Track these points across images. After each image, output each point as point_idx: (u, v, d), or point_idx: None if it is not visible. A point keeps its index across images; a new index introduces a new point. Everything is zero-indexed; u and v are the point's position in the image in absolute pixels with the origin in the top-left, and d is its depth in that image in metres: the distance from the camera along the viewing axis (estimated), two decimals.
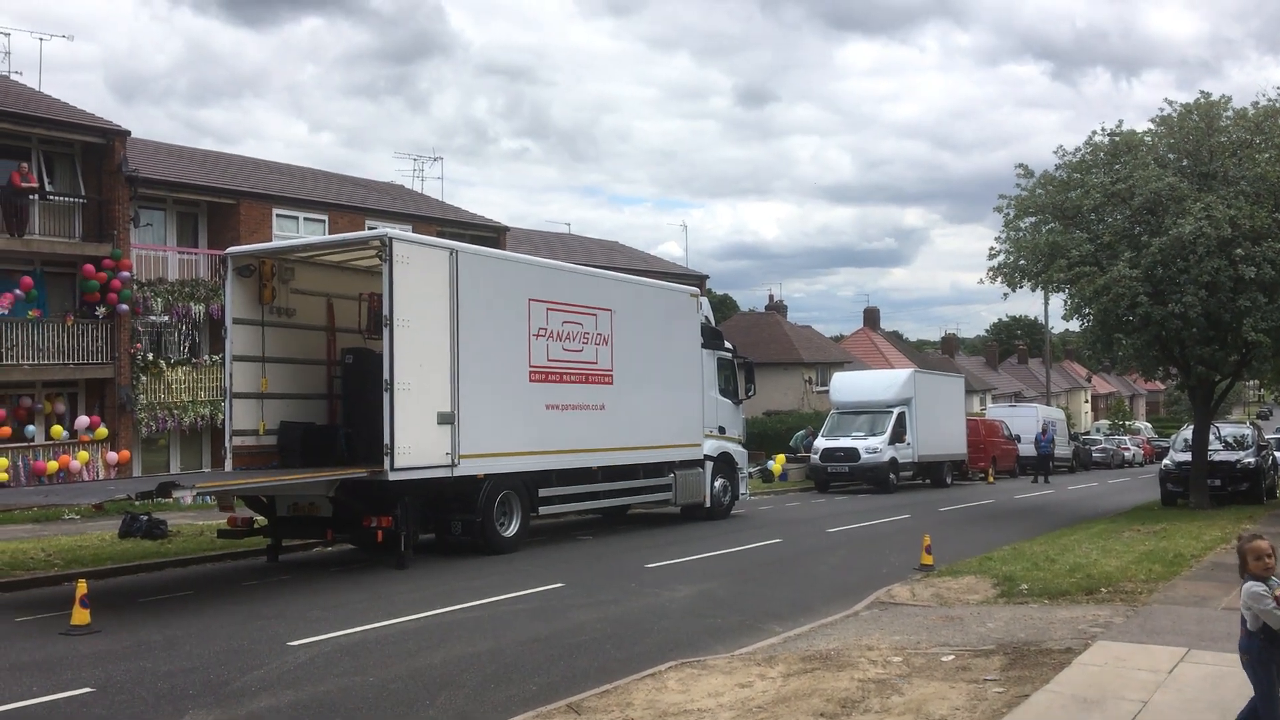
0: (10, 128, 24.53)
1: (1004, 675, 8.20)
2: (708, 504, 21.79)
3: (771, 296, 66.36)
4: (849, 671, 8.37)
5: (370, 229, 27.49)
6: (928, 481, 35.89)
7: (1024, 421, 44.86)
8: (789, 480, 35.92)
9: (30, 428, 24.38)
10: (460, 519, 16.04)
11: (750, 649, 9.55)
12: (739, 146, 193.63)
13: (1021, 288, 23.56)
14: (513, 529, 16.79)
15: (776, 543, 18.26)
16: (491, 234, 36.01)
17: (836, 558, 16.50)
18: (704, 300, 23.03)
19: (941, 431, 35.79)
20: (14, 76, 28.84)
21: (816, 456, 33.60)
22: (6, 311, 23.72)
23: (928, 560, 14.45)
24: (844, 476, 33.10)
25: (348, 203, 32.45)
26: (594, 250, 46.09)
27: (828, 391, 40.64)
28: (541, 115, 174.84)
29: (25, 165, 24.90)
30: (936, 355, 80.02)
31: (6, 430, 23.59)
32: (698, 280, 44.07)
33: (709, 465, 21.82)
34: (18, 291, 23.99)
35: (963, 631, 10.08)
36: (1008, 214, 23.41)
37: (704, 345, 21.99)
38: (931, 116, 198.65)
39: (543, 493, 17.50)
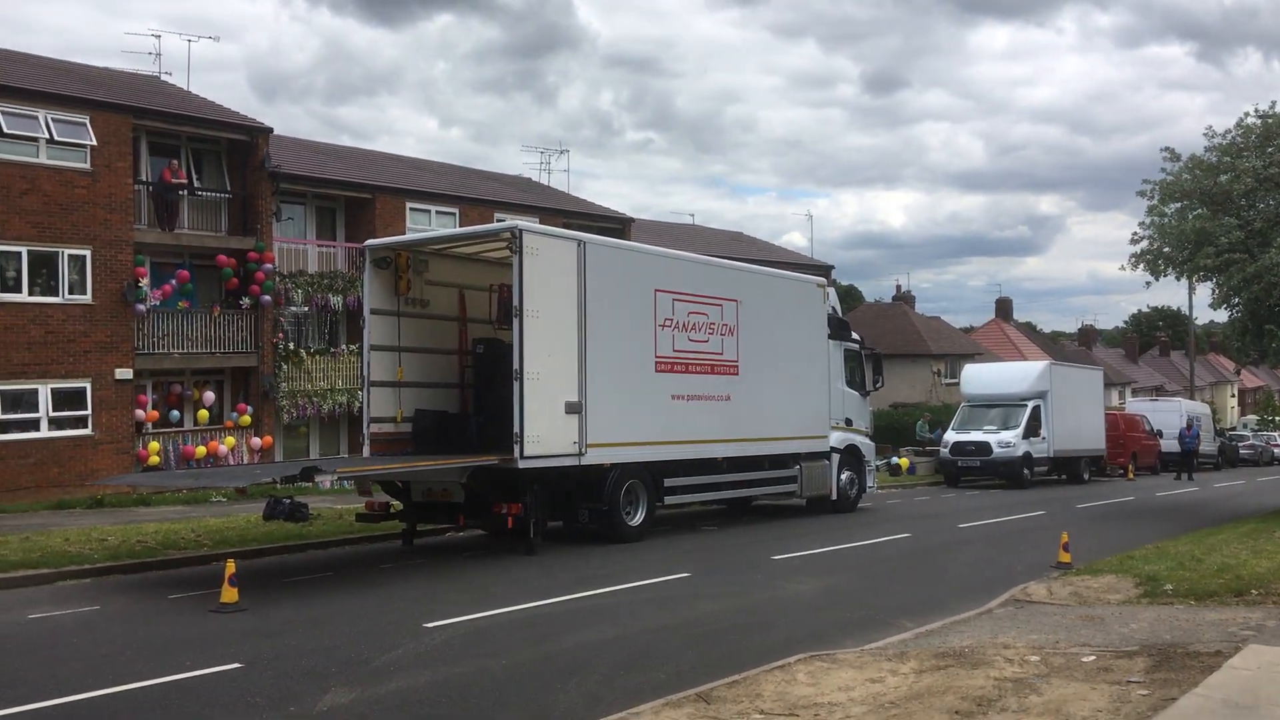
0: (162, 126, 25.73)
1: (1149, 677, 7.90)
2: (834, 497, 21.56)
3: (899, 287, 65.40)
4: (984, 670, 8.18)
5: (499, 221, 28.00)
6: (1063, 477, 34.82)
7: (1166, 416, 43.18)
8: (917, 474, 35.28)
9: (174, 413, 25.58)
10: (587, 507, 16.23)
11: (880, 644, 9.41)
12: (866, 134, 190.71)
13: (1165, 276, 22.68)
14: (638, 518, 16.91)
15: (905, 537, 17.96)
16: (616, 225, 36.26)
17: (968, 554, 16.15)
18: (831, 290, 22.76)
19: (1079, 426, 34.67)
20: (165, 77, 30.29)
21: (946, 450, 32.92)
22: (159, 303, 24.92)
23: (1065, 558, 14.02)
24: (975, 471, 32.35)
25: (477, 196, 33.09)
26: (718, 241, 45.99)
27: (957, 384, 39.75)
28: (666, 106, 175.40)
29: (175, 162, 26.10)
30: (1073, 347, 77.53)
31: (154, 414, 24.80)
32: (823, 270, 43.59)
33: (835, 457, 21.58)
34: (173, 283, 25.15)
35: (1104, 632, 9.75)
36: (1152, 199, 22.54)
37: (830, 336, 21.74)
38: (1068, 100, 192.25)
39: (668, 482, 17.57)
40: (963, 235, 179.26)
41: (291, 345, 27.54)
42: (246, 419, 25.99)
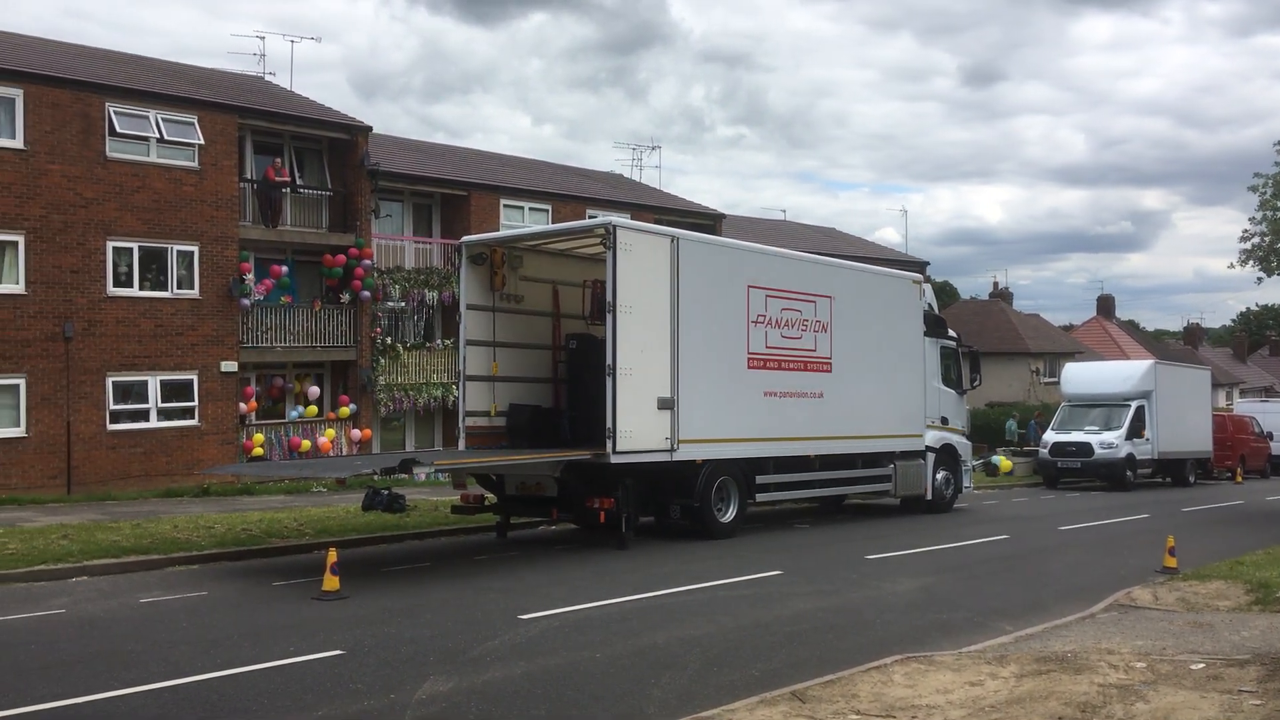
0: (266, 125, 26.44)
1: (1262, 687, 7.62)
2: (929, 496, 21.24)
3: (996, 283, 64.08)
4: (1088, 675, 7.98)
5: (590, 217, 28.15)
6: (1168, 480, 33.78)
7: (1276, 418, 41.58)
8: (1014, 475, 34.55)
9: (291, 408, 26.27)
10: (679, 503, 16.23)
11: (979, 647, 9.24)
12: (962, 128, 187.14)
13: (1277, 273, 21.84)
14: (730, 515, 16.87)
15: (1003, 539, 17.61)
16: (708, 221, 36.20)
17: (1069, 557, 15.76)
18: (927, 287, 22.40)
19: (1184, 427, 33.59)
20: (268, 78, 31.15)
21: (1045, 451, 32.20)
22: (263, 297, 25.62)
23: (1171, 563, 13.61)
24: (1075, 472, 31.58)
25: (569, 192, 33.33)
26: (810, 236, 45.62)
27: (1057, 383, 38.83)
28: (758, 101, 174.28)
29: (279, 161, 26.80)
30: (1178, 346, 75.14)
31: (254, 405, 25.50)
32: (917, 266, 42.93)
33: (930, 456, 21.25)
34: (272, 280, 25.83)
35: (1213, 639, 9.44)
36: (1264, 193, 21.79)
37: (926, 333, 21.40)
38: (1174, 92, 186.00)
39: (760, 480, 17.49)
40: (1062, 231, 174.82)
41: (388, 340, 28.09)
42: (345, 411, 26.59)
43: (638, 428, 15.09)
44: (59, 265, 22.15)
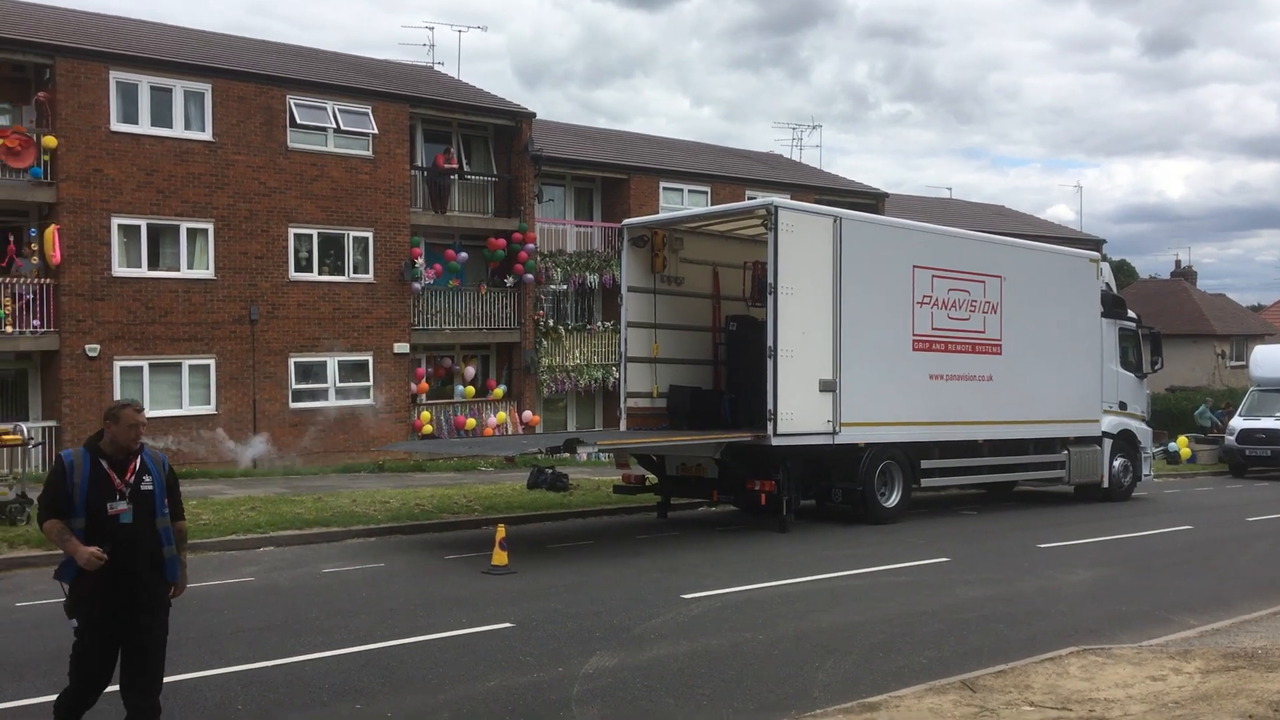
0: (435, 114, 27.24)
1: None
2: (1105, 484, 20.37)
3: (1178, 262, 60.80)
4: None
5: (750, 199, 28.00)
6: None
7: None
8: (1198, 463, 32.79)
9: (455, 386, 27.12)
10: (840, 487, 16.05)
11: (1161, 640, 8.85)
12: (1142, 99, 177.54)
13: None
14: (893, 500, 16.59)
15: (1186, 529, 16.78)
16: (870, 200, 35.52)
17: (1259, 549, 14.89)
18: (1105, 265, 21.43)
19: None
20: (437, 67, 32.03)
21: (1232, 438, 30.44)
22: (432, 281, 26.47)
23: None
24: (1265, 461, 29.71)
25: (728, 174, 33.20)
26: (977, 215, 44.23)
27: (1245, 367, 36.63)
28: (924, 77, 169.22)
29: (451, 150, 27.60)
30: None
31: (425, 386, 26.38)
32: (1093, 245, 41.10)
33: (1107, 443, 20.37)
34: (445, 263, 26.66)
35: None
36: None
37: (1104, 314, 20.49)
38: None
39: (925, 464, 17.12)
40: (1251, 206, 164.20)
41: (550, 322, 28.63)
42: (499, 391, 27.24)
43: (799, 410, 14.98)
44: (245, 251, 23.37)
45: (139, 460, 5.83)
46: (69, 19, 24.54)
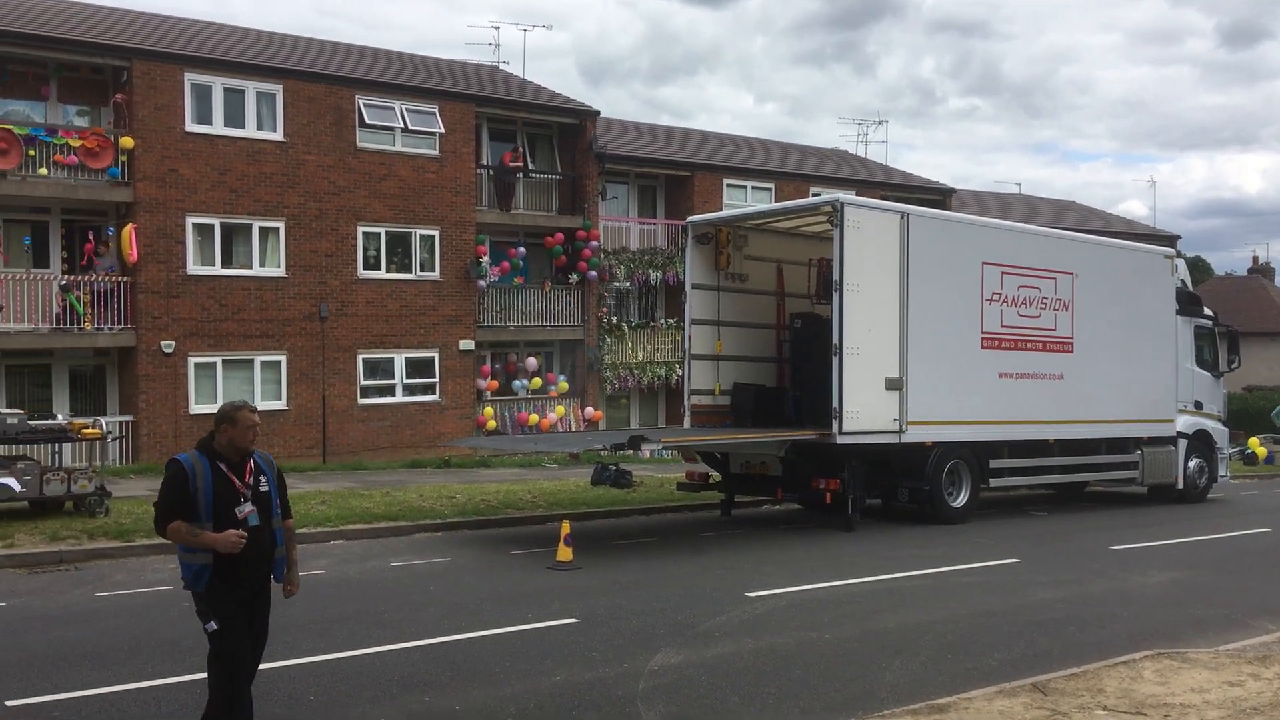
0: (500, 113, 27.44)
1: None
2: (1180, 485, 19.93)
3: (1255, 258, 59.12)
4: None
5: (814, 195, 27.82)
6: None
7: None
8: (1275, 463, 31.96)
9: (516, 382, 27.31)
10: (907, 486, 15.89)
11: (1238, 645, 8.65)
12: (1219, 92, 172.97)
13: None
14: (961, 500, 16.38)
15: (1265, 531, 16.36)
16: (937, 196, 35.08)
17: None
18: (1180, 262, 20.96)
19: None
20: (502, 66, 32.26)
21: None
22: (497, 279, 26.68)
23: None
24: None
25: (792, 170, 32.99)
26: (1046, 210, 43.45)
27: None
28: (992, 71, 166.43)
29: (518, 148, 27.79)
30: None
31: (494, 384, 26.59)
32: (1166, 240, 40.23)
33: (1182, 443, 19.93)
34: (508, 262, 26.87)
35: None
36: None
37: (1179, 312, 20.04)
38: None
39: (993, 464, 16.89)
40: None
41: (614, 319, 28.70)
42: (564, 384, 27.34)
43: (864, 408, 14.86)
44: (315, 250, 23.75)
45: (253, 461, 5.84)
46: (144, 22, 25.13)
